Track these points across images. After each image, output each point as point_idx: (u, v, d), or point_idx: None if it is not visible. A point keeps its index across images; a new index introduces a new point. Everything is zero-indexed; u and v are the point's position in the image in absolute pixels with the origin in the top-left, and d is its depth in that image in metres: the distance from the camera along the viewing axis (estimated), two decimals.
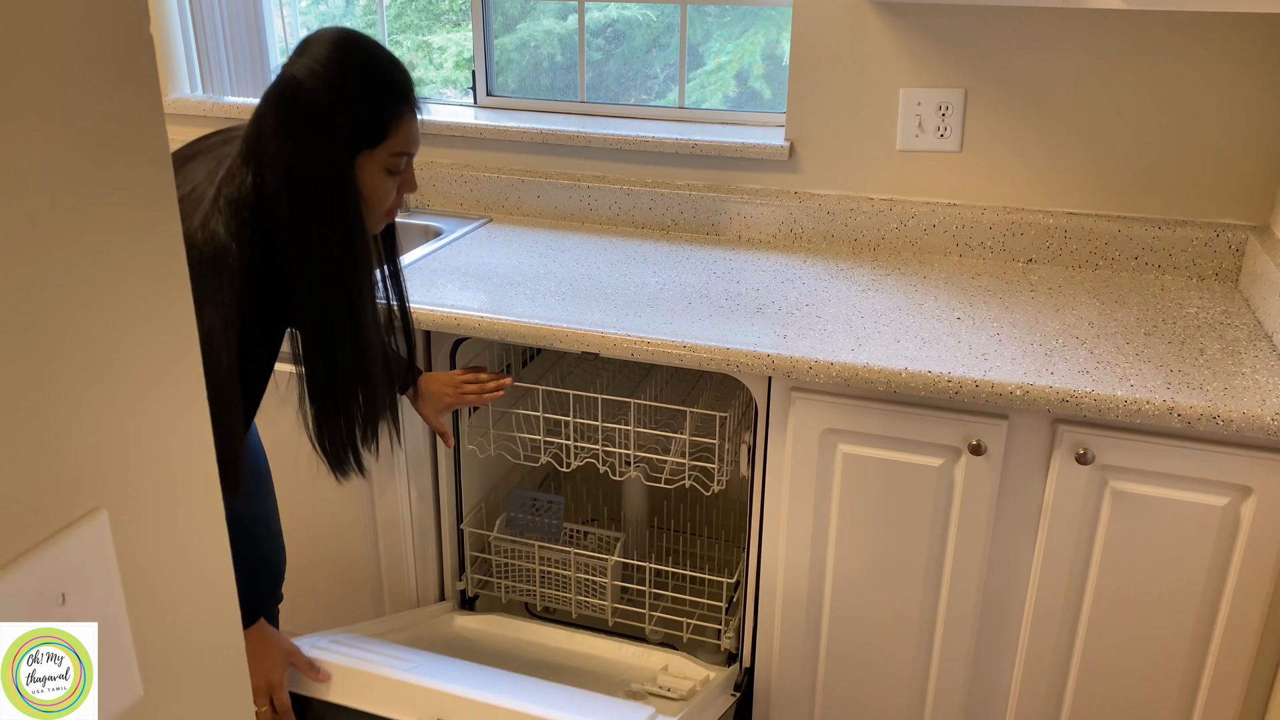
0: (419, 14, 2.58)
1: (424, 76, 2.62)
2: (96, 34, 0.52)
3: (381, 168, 1.32)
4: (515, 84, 2.47)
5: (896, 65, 2.04)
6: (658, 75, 2.39)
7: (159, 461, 0.60)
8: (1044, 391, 1.51)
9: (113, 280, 0.55)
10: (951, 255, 2.11)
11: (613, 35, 2.38)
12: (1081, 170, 2.01)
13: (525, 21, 2.41)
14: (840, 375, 1.59)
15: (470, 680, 1.42)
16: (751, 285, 1.94)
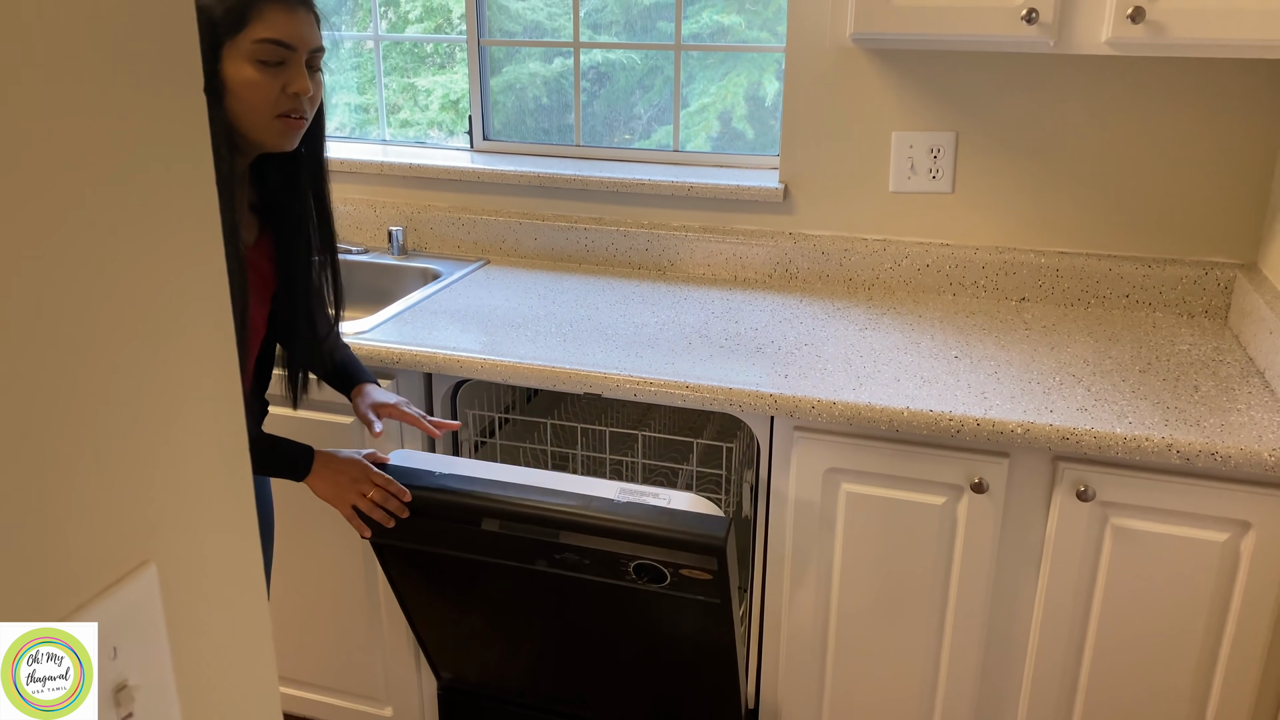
0: (404, 57, 2.61)
1: (410, 118, 2.65)
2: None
3: (248, 58, 1.27)
4: (500, 125, 2.49)
5: (888, 109, 2.08)
6: (642, 116, 2.42)
7: (204, 513, 0.61)
8: (1044, 429, 1.53)
9: (166, 337, 0.56)
10: (945, 294, 2.14)
11: (597, 77, 2.42)
12: (1071, 210, 2.05)
13: (511, 65, 2.44)
14: (843, 415, 1.61)
15: None
16: (750, 325, 1.96)
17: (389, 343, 1.83)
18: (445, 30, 2.59)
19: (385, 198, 2.47)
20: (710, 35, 2.31)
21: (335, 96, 2.68)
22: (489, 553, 1.64)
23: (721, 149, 2.39)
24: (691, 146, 2.39)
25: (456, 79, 2.56)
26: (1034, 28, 1.64)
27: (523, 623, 1.77)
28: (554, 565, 1.62)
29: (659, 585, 1.58)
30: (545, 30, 2.41)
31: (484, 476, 1.60)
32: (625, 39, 2.36)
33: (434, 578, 1.75)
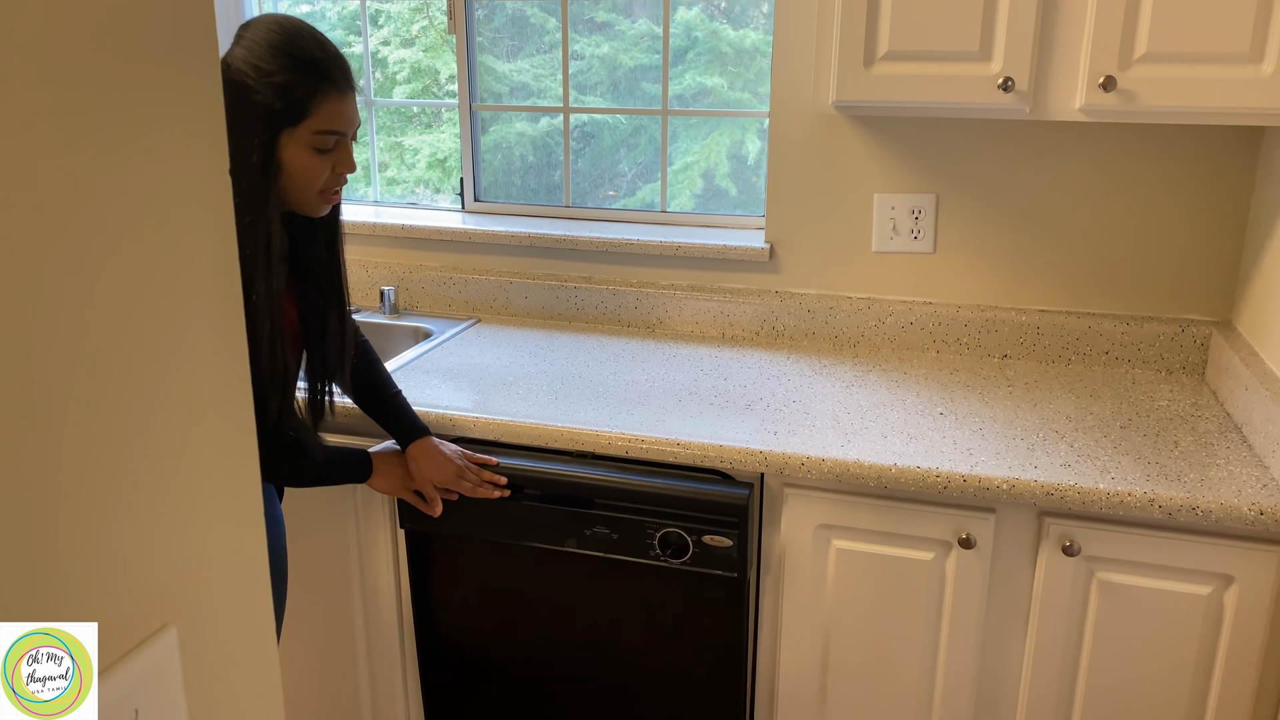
0: (391, 116, 2.66)
1: (396, 176, 2.69)
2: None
3: (306, 146, 1.35)
4: (488, 183, 2.54)
5: (870, 172, 2.14)
6: (626, 174, 2.47)
7: (221, 576, 0.62)
8: (1029, 485, 1.56)
9: (186, 402, 0.58)
10: (929, 351, 2.18)
11: (582, 136, 2.48)
12: (1051, 269, 2.10)
13: (498, 124, 2.49)
14: (832, 471, 1.63)
15: None
16: (739, 382, 1.99)
17: None
18: (433, 90, 2.64)
19: (377, 258, 2.50)
20: (693, 96, 2.38)
21: None
22: (524, 532, 1.79)
23: (705, 206, 2.44)
24: (676, 204, 2.44)
25: (443, 138, 2.61)
26: (1010, 96, 1.70)
27: (543, 616, 1.88)
28: (583, 544, 1.76)
29: (680, 560, 1.71)
30: (532, 91, 2.47)
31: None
32: (610, 100, 2.42)
33: (462, 569, 1.89)
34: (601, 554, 1.76)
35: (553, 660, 1.90)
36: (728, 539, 1.69)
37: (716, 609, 1.77)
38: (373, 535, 1.92)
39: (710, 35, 2.34)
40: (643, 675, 1.85)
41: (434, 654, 1.96)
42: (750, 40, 2.33)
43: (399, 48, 2.64)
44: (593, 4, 2.38)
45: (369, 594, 1.97)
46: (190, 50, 0.56)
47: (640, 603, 1.81)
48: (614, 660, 1.86)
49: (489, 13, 2.45)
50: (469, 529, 1.82)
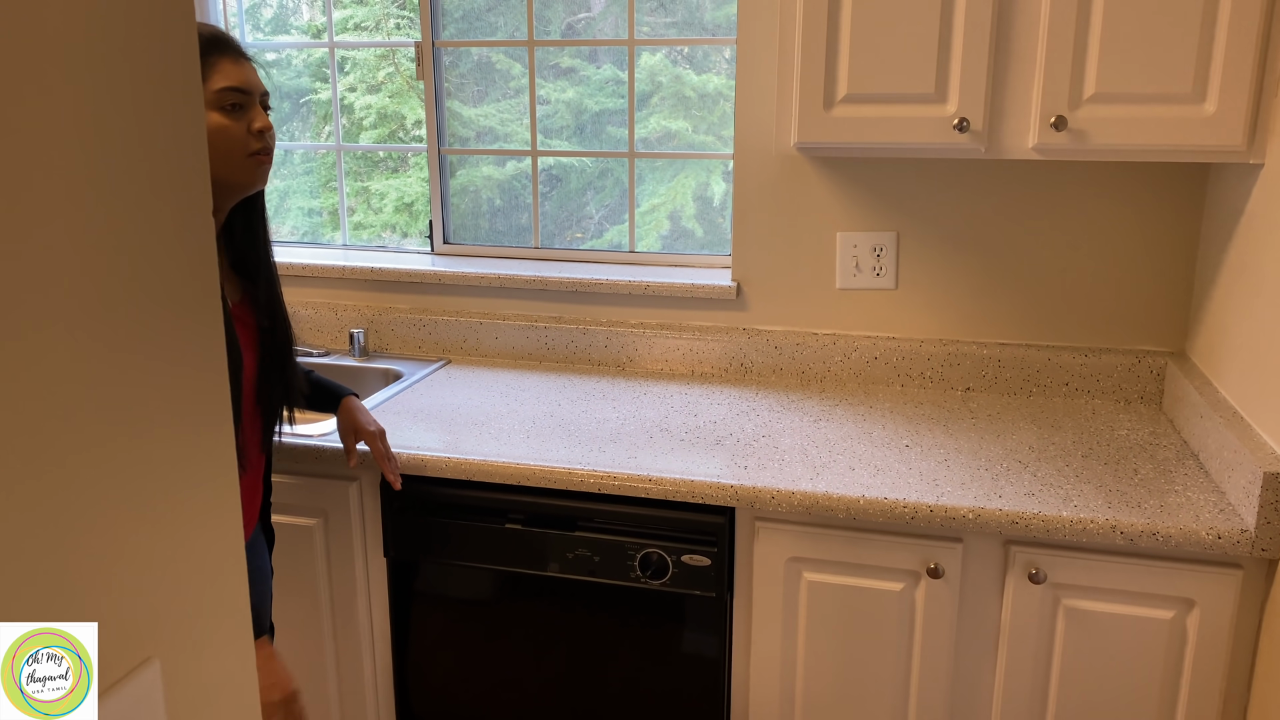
0: (357, 161, 2.69)
1: (364, 220, 2.71)
2: None
3: (212, 107, 1.40)
4: (456, 226, 2.57)
5: (832, 211, 2.19)
6: (594, 215, 2.51)
7: (203, 607, 0.63)
8: (994, 514, 1.59)
9: (174, 449, 0.60)
10: (894, 385, 2.21)
11: (549, 179, 2.52)
12: (1010, 303, 2.15)
13: (464, 168, 2.52)
14: (801, 504, 1.65)
15: None
16: (709, 418, 2.01)
17: None
18: (399, 135, 2.67)
19: (346, 300, 2.51)
20: (659, 139, 2.42)
21: (290, 201, 2.73)
22: (508, 557, 1.82)
23: (672, 246, 2.48)
24: (643, 245, 2.48)
25: (410, 182, 2.63)
26: (965, 136, 1.76)
27: (524, 642, 1.88)
28: (565, 568, 1.79)
29: (660, 581, 1.75)
30: (498, 135, 2.50)
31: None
32: (576, 143, 2.46)
33: (444, 599, 1.90)
34: (584, 577, 1.79)
35: (535, 686, 1.89)
36: (706, 558, 1.72)
37: (696, 629, 1.79)
38: (346, 563, 1.91)
39: (674, 80, 2.39)
40: (625, 698, 1.85)
41: (413, 678, 1.95)
42: (713, 85, 2.39)
43: (365, 94, 2.67)
44: (558, 50, 2.43)
45: (342, 623, 1.96)
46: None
47: (622, 626, 1.83)
48: (596, 683, 1.86)
49: (455, 59, 2.49)
50: (451, 555, 1.84)
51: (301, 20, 2.66)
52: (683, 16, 2.35)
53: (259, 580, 1.66)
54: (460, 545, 1.84)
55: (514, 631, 1.89)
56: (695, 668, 1.81)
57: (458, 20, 2.44)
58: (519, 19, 2.42)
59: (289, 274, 2.51)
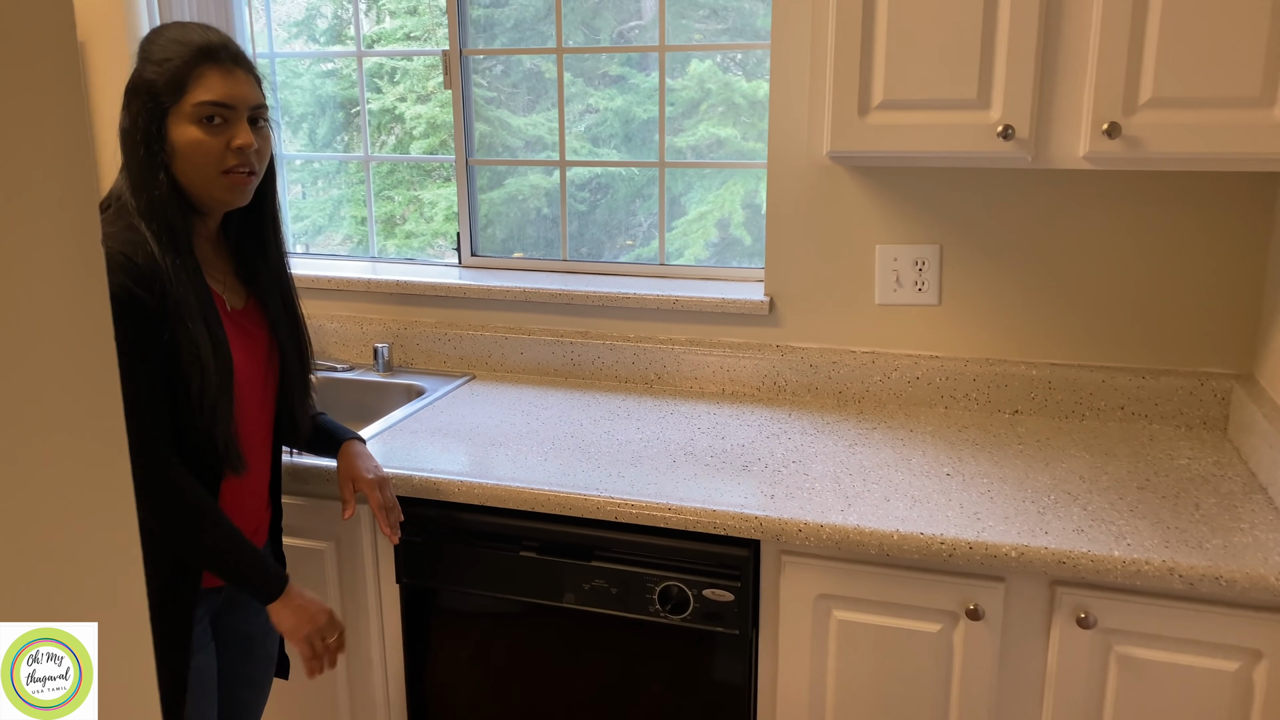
0: (410, 170, 2.65)
1: (415, 229, 2.67)
2: None
3: (191, 120, 1.34)
4: (505, 234, 2.51)
5: (871, 222, 2.08)
6: (642, 224, 2.44)
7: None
8: (1039, 553, 1.47)
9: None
10: (937, 407, 2.10)
11: (598, 187, 2.45)
12: (1061, 321, 2.02)
13: (513, 177, 2.47)
14: (831, 538, 1.55)
15: None
16: (737, 441, 1.91)
17: None
18: (450, 145, 2.62)
19: (372, 314, 2.46)
20: (708, 147, 2.34)
21: (343, 209, 2.70)
22: (523, 587, 1.74)
23: (721, 254, 2.39)
24: (690, 253, 2.40)
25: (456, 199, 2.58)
26: (1010, 144, 1.64)
27: (541, 674, 1.81)
28: (581, 600, 1.70)
29: (680, 616, 1.65)
30: (546, 145, 2.44)
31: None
32: (624, 152, 2.39)
33: (459, 626, 1.83)
34: (600, 609, 1.70)
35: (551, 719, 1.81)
36: (729, 593, 1.63)
37: (719, 670, 1.69)
38: (359, 589, 1.85)
39: (723, 87, 2.31)
40: None
41: (427, 709, 1.88)
42: (763, 91, 2.30)
43: (415, 103, 2.63)
44: (608, 58, 2.36)
45: (354, 650, 1.89)
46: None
47: (641, 661, 1.74)
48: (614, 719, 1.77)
49: (506, 68, 2.44)
50: (465, 582, 1.77)
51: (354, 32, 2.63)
52: (734, 23, 2.26)
53: (263, 609, 1.60)
54: (474, 572, 1.77)
55: (530, 663, 1.81)
56: (718, 708, 1.72)
57: (509, 30, 2.40)
58: (571, 27, 2.36)
59: (315, 287, 2.47)
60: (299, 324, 1.57)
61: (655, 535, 1.67)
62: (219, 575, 1.42)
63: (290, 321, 1.55)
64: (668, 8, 2.28)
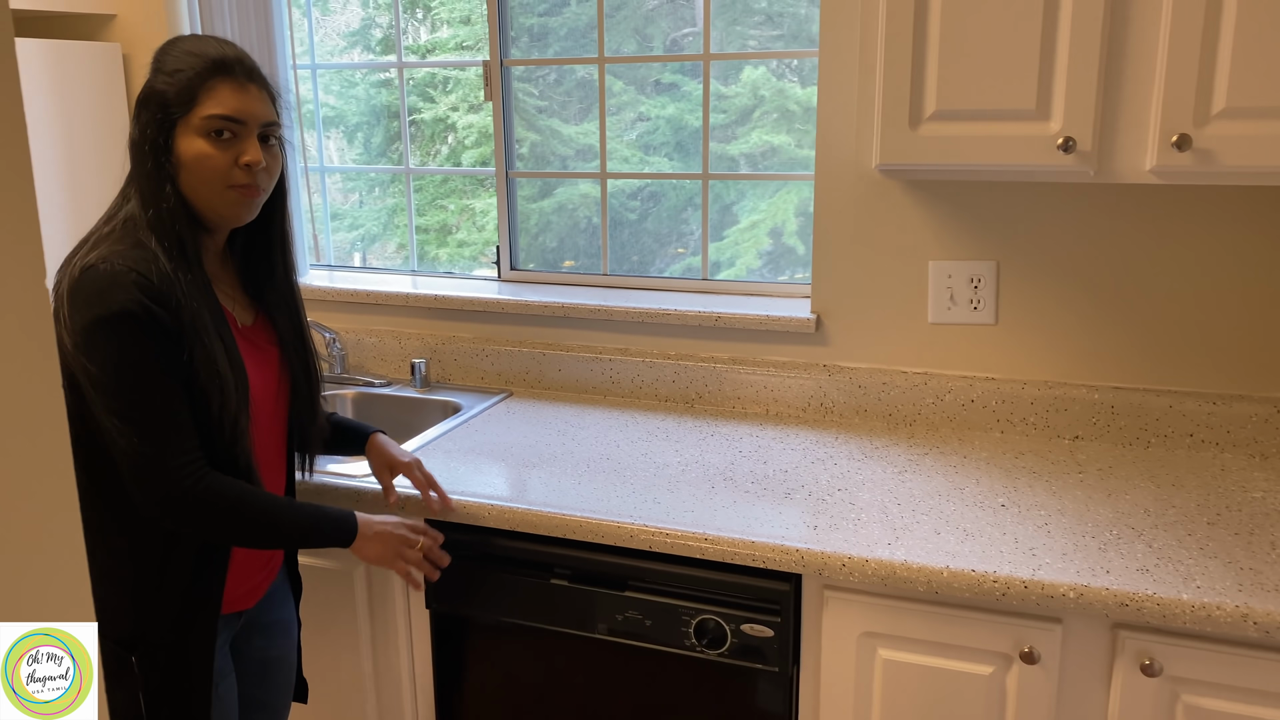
0: (463, 180, 2.63)
1: (466, 238, 2.63)
2: None
3: (199, 133, 1.31)
4: (556, 243, 2.46)
5: (924, 237, 1.99)
6: (694, 232, 2.39)
7: None
8: (1100, 594, 1.38)
9: None
10: (993, 431, 2.00)
11: (650, 196, 2.40)
12: (1126, 342, 1.92)
13: (563, 186, 2.42)
14: (876, 574, 1.47)
15: None
16: (780, 466, 1.84)
17: (399, 486, 1.74)
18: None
19: (410, 329, 2.43)
20: (761, 155, 2.27)
21: (398, 218, 2.67)
22: (554, 615, 1.68)
23: (775, 262, 2.32)
24: (742, 262, 2.33)
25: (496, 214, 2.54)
26: (1071, 157, 1.55)
27: (574, 705, 1.74)
28: (614, 631, 1.64)
29: (718, 651, 1.58)
30: (597, 154, 2.39)
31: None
32: (676, 159, 2.33)
33: (490, 653, 1.77)
34: (634, 641, 1.64)
35: None
36: (768, 628, 1.55)
37: (758, 708, 1.62)
38: (388, 614, 1.80)
39: (776, 94, 2.24)
40: None
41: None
42: None
43: (467, 113, 2.60)
44: (660, 66, 2.30)
45: (384, 676, 1.85)
46: None
47: (675, 696, 1.67)
48: None
49: (559, 77, 2.39)
50: (495, 609, 1.72)
51: (408, 41, 2.61)
52: (789, 29, 2.19)
53: (282, 633, 1.57)
54: (504, 599, 1.71)
55: (562, 693, 1.74)
56: None
57: (563, 38, 2.36)
58: (623, 36, 2.31)
59: (354, 301, 2.44)
60: (306, 342, 1.53)
61: (692, 566, 1.60)
62: (290, 549, 1.45)
63: (297, 339, 1.51)
64: (722, 14, 2.22)
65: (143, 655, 1.20)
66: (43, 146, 2.25)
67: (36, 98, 2.23)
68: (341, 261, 2.74)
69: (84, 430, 1.28)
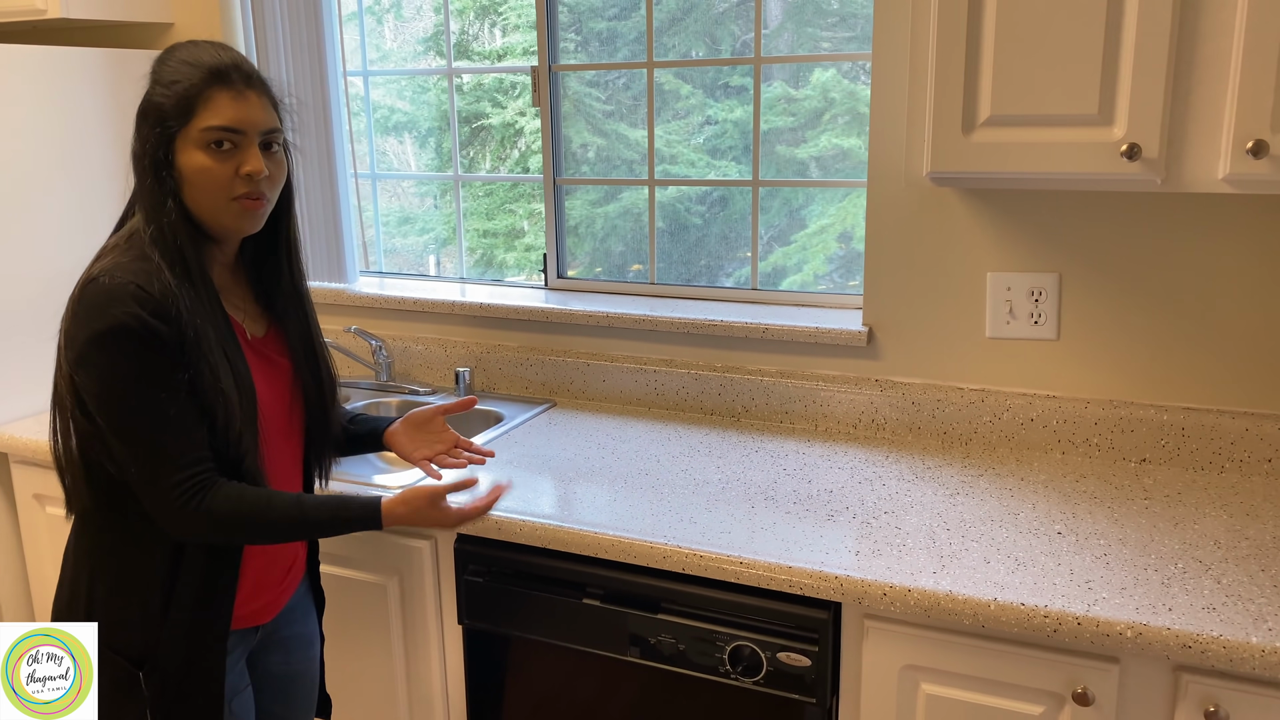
0: (534, 185, 2.61)
1: (532, 243, 2.62)
2: None
3: (199, 146, 1.28)
4: (623, 246, 2.42)
5: (982, 248, 1.90)
6: (761, 236, 2.33)
7: None
8: (1161, 634, 1.28)
9: None
10: (1053, 452, 1.90)
11: (717, 200, 2.35)
12: (1197, 360, 1.80)
13: (629, 191, 2.38)
14: (919, 604, 1.39)
15: None
16: (824, 485, 1.77)
17: None
18: (567, 157, 2.56)
19: (456, 336, 2.41)
20: (832, 158, 2.21)
21: (468, 222, 2.67)
22: (585, 636, 1.63)
23: (845, 268, 2.25)
24: (809, 268, 2.27)
25: (577, 204, 2.51)
26: (1136, 165, 1.45)
27: None
28: (646, 654, 1.59)
29: (752, 680, 1.53)
30: (663, 157, 2.35)
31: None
32: (744, 163, 2.27)
33: (523, 671, 1.74)
34: (666, 666, 1.59)
35: None
36: (806, 658, 1.49)
37: None
38: (420, 628, 1.78)
39: (847, 96, 2.17)
40: None
41: None
42: None
43: (534, 118, 2.59)
44: (729, 69, 2.25)
45: (416, 690, 1.82)
46: None
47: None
48: None
49: (628, 81, 2.36)
50: (527, 628, 1.69)
51: (481, 46, 2.60)
52: (862, 30, 2.12)
53: (302, 648, 1.54)
54: (536, 618, 1.67)
55: (595, 715, 1.70)
56: None
57: (631, 42, 2.33)
58: (693, 40, 2.26)
59: (401, 309, 2.43)
60: (317, 350, 1.49)
61: (727, 590, 1.54)
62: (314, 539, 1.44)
63: (308, 348, 1.48)
64: (793, 16, 2.16)
65: (151, 672, 1.18)
66: (102, 154, 2.28)
67: (95, 106, 2.26)
68: (414, 265, 2.74)
69: (92, 446, 1.27)
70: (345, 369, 2.49)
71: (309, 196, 2.51)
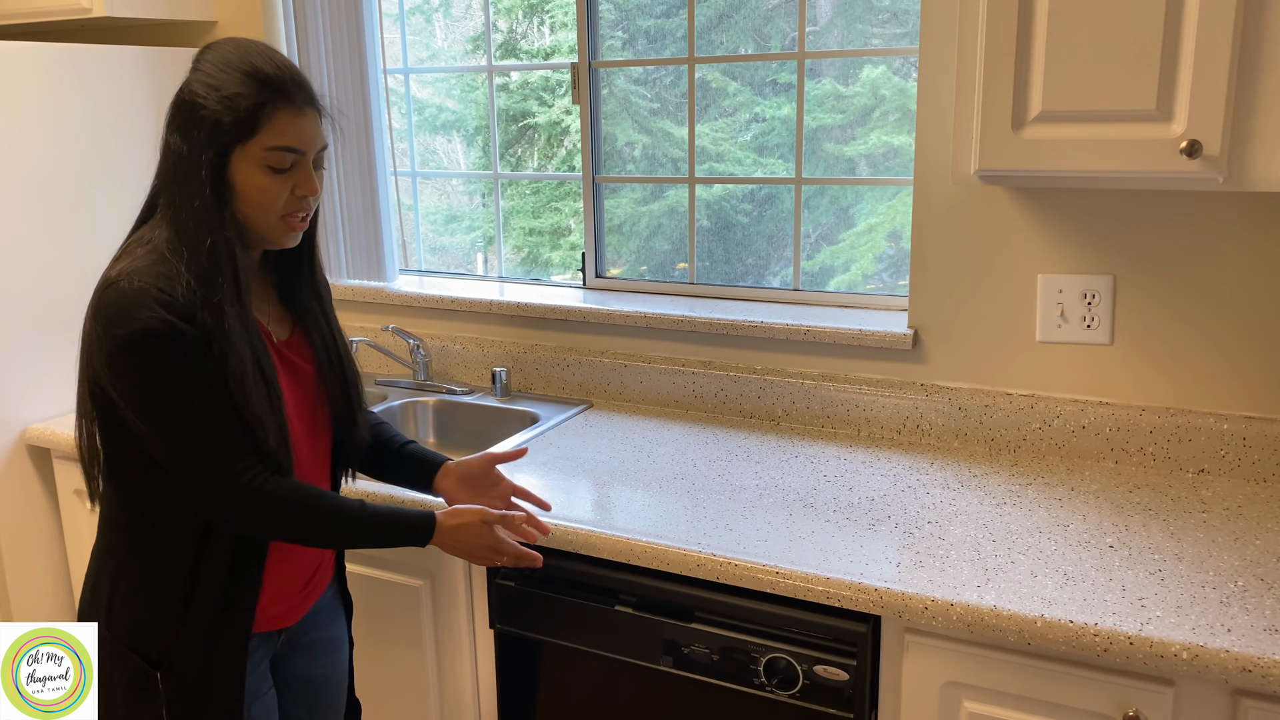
0: (577, 182, 2.59)
1: (577, 241, 2.61)
2: None
3: (259, 164, 1.25)
4: (668, 245, 2.39)
5: (1032, 249, 1.83)
6: (809, 235, 2.28)
7: None
8: (1218, 656, 1.22)
9: None
10: (1106, 461, 1.83)
11: (764, 199, 2.31)
12: (1259, 366, 1.72)
13: (674, 190, 2.35)
14: (962, 619, 1.34)
15: None
16: (866, 493, 1.72)
17: None
18: (612, 155, 2.54)
19: (494, 336, 2.39)
20: (882, 155, 2.17)
21: (513, 220, 2.65)
22: (617, 644, 1.60)
23: (894, 267, 2.20)
24: (858, 268, 2.23)
25: (621, 203, 2.49)
26: (1197, 163, 1.38)
27: None
28: (679, 664, 1.55)
29: (788, 692, 1.49)
30: (709, 155, 2.31)
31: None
32: (791, 160, 2.22)
33: (555, 677, 1.71)
34: (700, 676, 1.55)
35: None
36: (844, 671, 1.44)
37: None
38: (453, 630, 1.76)
39: (897, 93, 2.12)
40: None
41: None
42: None
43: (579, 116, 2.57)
44: (778, 65, 2.22)
45: (449, 695, 1.80)
46: None
47: None
48: None
49: (675, 78, 2.33)
50: (559, 634, 1.66)
51: (531, 44, 2.58)
52: (914, 26, 2.07)
53: (328, 652, 1.53)
54: (567, 624, 1.64)
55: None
56: None
57: (679, 40, 2.30)
58: (743, 35, 2.22)
59: (439, 307, 2.42)
60: (340, 354, 1.48)
61: (763, 600, 1.50)
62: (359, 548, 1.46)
63: (330, 351, 1.46)
64: (844, 12, 2.12)
65: (168, 672, 1.17)
66: (147, 153, 2.29)
67: (139, 105, 2.28)
68: (463, 262, 2.74)
69: (116, 444, 1.27)
70: (382, 368, 2.49)
71: (348, 195, 2.51)
